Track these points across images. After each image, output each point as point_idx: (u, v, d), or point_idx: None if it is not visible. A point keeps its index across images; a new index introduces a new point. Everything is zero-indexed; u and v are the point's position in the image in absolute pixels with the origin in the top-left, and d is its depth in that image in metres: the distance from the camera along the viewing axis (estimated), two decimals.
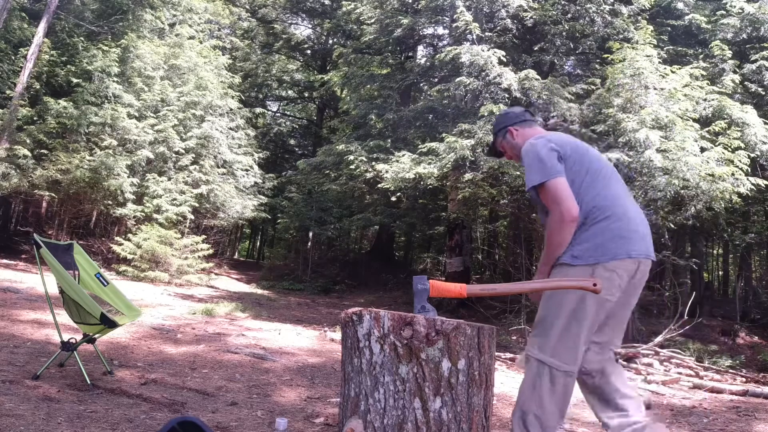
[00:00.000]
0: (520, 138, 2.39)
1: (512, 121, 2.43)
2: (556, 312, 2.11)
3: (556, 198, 2.09)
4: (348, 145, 9.97)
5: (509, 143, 2.42)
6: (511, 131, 2.42)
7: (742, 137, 6.92)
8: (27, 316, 5.18)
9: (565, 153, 2.19)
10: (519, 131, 2.41)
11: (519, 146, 2.37)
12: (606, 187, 2.19)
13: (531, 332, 2.21)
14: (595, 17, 9.11)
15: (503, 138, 2.43)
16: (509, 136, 2.42)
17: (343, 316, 1.94)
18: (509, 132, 2.42)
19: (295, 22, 21.57)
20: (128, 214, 11.56)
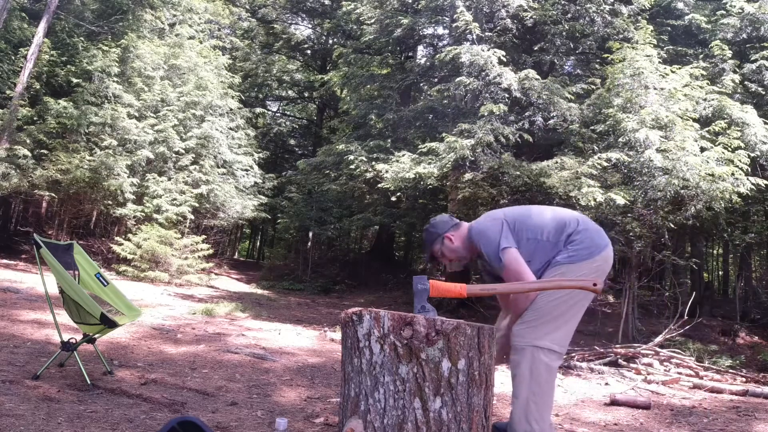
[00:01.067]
0: (458, 240, 2.62)
1: (446, 228, 2.64)
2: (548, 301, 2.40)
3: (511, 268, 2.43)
4: (348, 145, 9.97)
5: (448, 248, 2.61)
6: (449, 237, 2.61)
7: (742, 137, 6.92)
8: (27, 316, 5.18)
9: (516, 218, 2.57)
10: (456, 235, 2.63)
11: (458, 248, 2.61)
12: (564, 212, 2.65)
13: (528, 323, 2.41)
14: (595, 17, 9.10)
15: (441, 245, 2.62)
16: (447, 242, 2.61)
17: (343, 316, 1.94)
18: (446, 238, 2.61)
19: (295, 22, 21.57)
20: (128, 214, 11.56)
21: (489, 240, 2.50)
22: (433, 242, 2.64)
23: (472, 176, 7.78)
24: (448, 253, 2.63)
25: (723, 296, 15.69)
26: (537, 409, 2.34)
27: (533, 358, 2.36)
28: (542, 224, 2.60)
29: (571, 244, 2.52)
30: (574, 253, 2.51)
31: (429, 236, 2.67)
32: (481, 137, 7.64)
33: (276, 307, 9.72)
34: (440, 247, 2.62)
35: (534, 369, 2.34)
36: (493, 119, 7.85)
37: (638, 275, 7.45)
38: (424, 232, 2.71)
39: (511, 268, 2.41)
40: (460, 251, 2.62)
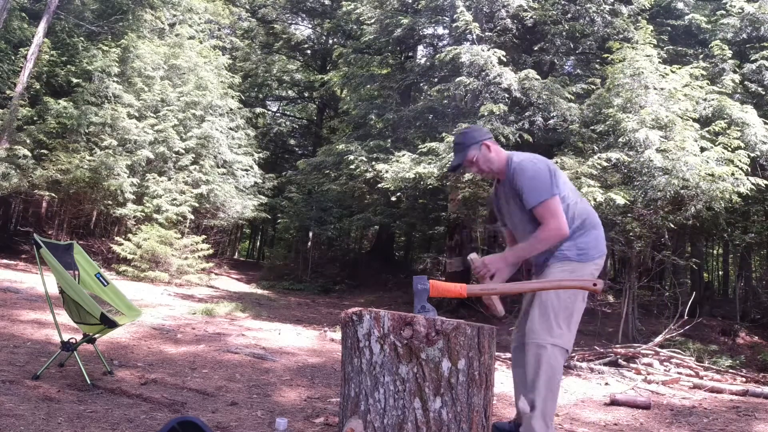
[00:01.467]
0: (495, 153, 2.53)
1: (486, 136, 2.55)
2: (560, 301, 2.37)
3: (554, 214, 2.38)
4: (348, 145, 9.97)
5: (484, 156, 2.52)
6: (487, 145, 2.52)
7: (741, 137, 6.92)
8: (27, 316, 5.18)
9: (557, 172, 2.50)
10: (493, 146, 2.54)
11: (492, 159, 2.52)
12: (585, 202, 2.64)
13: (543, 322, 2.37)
14: (595, 17, 9.10)
15: (478, 151, 2.51)
16: (485, 149, 2.51)
17: (343, 316, 1.94)
18: (484, 145, 2.51)
19: (295, 22, 21.58)
20: (128, 214, 11.56)
21: (538, 175, 2.40)
22: (471, 147, 2.51)
23: (472, 176, 7.77)
24: (483, 162, 2.52)
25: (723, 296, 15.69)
26: (552, 408, 2.35)
27: (552, 358, 2.33)
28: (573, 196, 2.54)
29: (581, 238, 2.47)
30: (584, 250, 2.47)
31: (467, 139, 2.53)
32: None
33: (276, 307, 9.72)
34: (477, 153, 2.51)
35: (552, 368, 2.33)
36: (493, 119, 7.85)
37: (638, 275, 7.45)
38: (461, 136, 2.57)
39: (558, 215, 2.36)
40: (495, 164, 2.52)
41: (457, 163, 2.57)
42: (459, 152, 2.56)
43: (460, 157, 2.55)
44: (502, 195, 2.63)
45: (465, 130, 2.62)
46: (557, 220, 2.38)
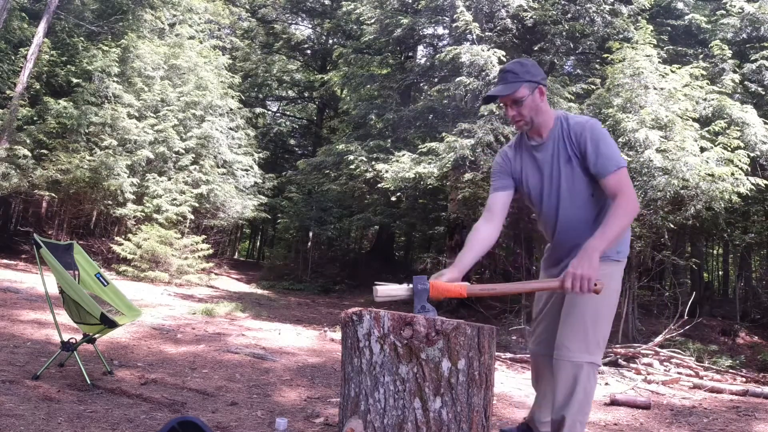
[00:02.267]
0: (544, 103, 2.13)
1: (545, 80, 2.14)
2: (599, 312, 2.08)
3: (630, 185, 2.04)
4: (348, 145, 9.98)
5: (534, 101, 2.09)
6: (542, 90, 2.12)
7: (741, 137, 6.92)
8: (27, 316, 5.18)
9: None
10: (545, 95, 2.14)
11: (541, 109, 2.11)
12: None
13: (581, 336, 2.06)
14: (595, 17, 9.11)
15: (532, 92, 2.08)
16: (538, 93, 2.10)
17: (343, 316, 1.94)
18: (540, 89, 2.10)
19: (295, 22, 21.58)
20: (128, 214, 11.56)
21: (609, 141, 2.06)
22: (525, 83, 2.07)
23: (472, 176, 7.78)
24: (530, 107, 2.09)
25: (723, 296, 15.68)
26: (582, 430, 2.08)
27: (588, 376, 2.06)
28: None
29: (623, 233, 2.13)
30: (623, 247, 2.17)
31: (525, 73, 2.09)
32: (481, 137, 7.64)
33: (276, 307, 9.72)
34: (528, 94, 2.07)
35: (588, 388, 2.06)
36: (493, 119, 7.85)
37: (638, 275, 7.45)
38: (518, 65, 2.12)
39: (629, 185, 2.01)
40: (541, 116, 2.11)
41: (503, 93, 2.10)
42: (508, 82, 2.09)
43: (507, 89, 2.08)
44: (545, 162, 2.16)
45: (524, 61, 2.17)
46: (633, 190, 2.02)
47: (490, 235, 2.21)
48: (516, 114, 2.11)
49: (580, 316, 2.06)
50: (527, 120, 2.12)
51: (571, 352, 2.05)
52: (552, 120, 2.13)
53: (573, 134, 2.09)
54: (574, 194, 2.12)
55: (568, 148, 2.10)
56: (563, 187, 2.14)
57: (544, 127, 2.14)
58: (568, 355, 2.06)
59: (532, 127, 2.14)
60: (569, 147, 2.09)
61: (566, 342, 2.07)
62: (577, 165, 2.10)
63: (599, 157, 2.03)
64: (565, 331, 2.09)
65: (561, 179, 2.14)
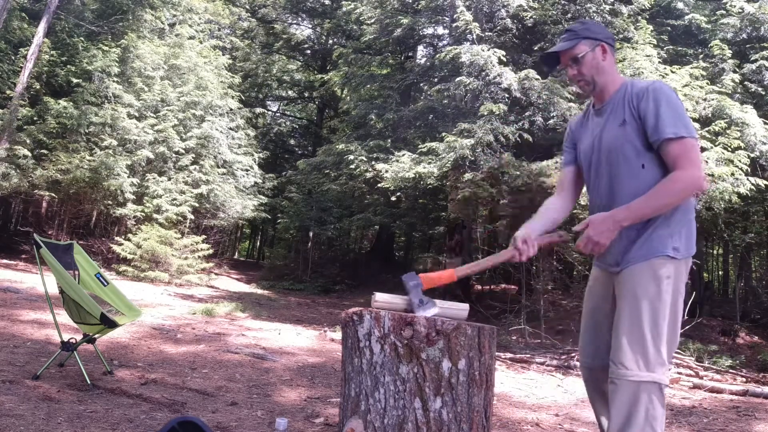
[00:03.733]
0: (608, 64, 1.94)
1: (609, 39, 1.97)
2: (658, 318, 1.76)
3: (695, 160, 1.76)
4: (348, 145, 9.97)
5: (595, 59, 1.93)
6: (605, 48, 1.94)
7: (741, 137, 6.91)
8: (27, 316, 5.18)
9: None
10: (610, 54, 1.96)
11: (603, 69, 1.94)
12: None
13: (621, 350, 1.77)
14: (595, 17, 9.10)
15: (592, 50, 1.92)
16: (599, 50, 1.93)
17: (343, 315, 1.94)
18: (602, 47, 1.93)
19: (295, 22, 21.58)
20: (128, 214, 11.56)
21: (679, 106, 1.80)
22: (584, 39, 1.93)
23: (472, 176, 7.78)
24: (590, 66, 1.92)
25: (723, 296, 15.67)
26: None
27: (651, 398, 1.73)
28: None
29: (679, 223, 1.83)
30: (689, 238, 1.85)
31: (584, 30, 1.95)
32: (481, 137, 7.64)
33: (276, 307, 9.72)
34: (588, 51, 1.92)
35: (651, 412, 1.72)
36: (493, 119, 7.85)
37: None
38: (578, 24, 2.00)
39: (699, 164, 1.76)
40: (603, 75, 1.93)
41: (560, 49, 1.96)
42: (566, 41, 1.96)
43: (564, 45, 1.95)
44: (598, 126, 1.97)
45: (585, 21, 2.04)
46: (698, 168, 1.75)
47: (560, 207, 2.08)
48: (576, 73, 1.95)
49: (636, 325, 1.76)
50: (588, 80, 1.94)
51: (627, 369, 1.74)
52: (617, 84, 1.94)
53: (635, 96, 1.86)
54: (622, 162, 1.87)
55: (625, 111, 1.87)
56: (612, 152, 1.90)
57: (605, 89, 1.95)
58: (625, 374, 1.74)
59: (594, 88, 1.95)
60: (627, 109, 1.86)
61: (621, 358, 1.76)
62: (632, 131, 1.85)
63: (659, 119, 1.78)
64: (619, 344, 1.77)
65: (610, 143, 1.91)
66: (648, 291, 1.78)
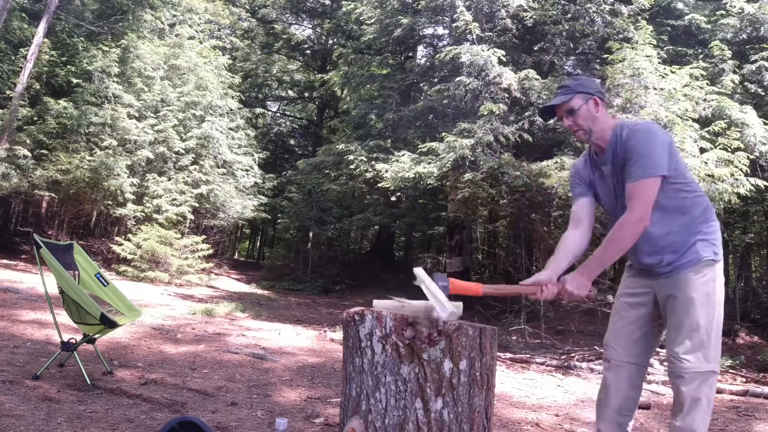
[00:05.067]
0: (602, 114, 2.16)
1: (600, 93, 2.19)
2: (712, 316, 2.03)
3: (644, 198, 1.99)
4: (348, 145, 9.97)
5: (589, 111, 2.15)
6: (597, 101, 2.16)
7: (741, 138, 6.91)
8: (27, 317, 5.18)
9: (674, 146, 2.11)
10: (602, 106, 2.17)
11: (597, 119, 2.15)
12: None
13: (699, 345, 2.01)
14: (595, 17, 9.10)
15: (585, 103, 2.14)
16: (592, 103, 2.15)
17: (345, 315, 1.94)
18: (593, 100, 2.15)
19: (295, 23, 21.58)
20: (128, 214, 11.56)
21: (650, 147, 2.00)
22: (578, 94, 2.15)
23: (472, 176, 7.77)
24: (585, 117, 2.14)
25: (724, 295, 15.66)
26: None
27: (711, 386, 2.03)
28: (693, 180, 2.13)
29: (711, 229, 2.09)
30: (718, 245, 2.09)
31: (577, 85, 2.18)
32: (481, 137, 7.64)
33: (276, 307, 9.72)
34: (583, 105, 2.14)
35: (710, 397, 2.03)
36: (492, 119, 7.84)
37: None
38: (571, 80, 2.25)
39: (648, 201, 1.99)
40: (598, 125, 2.14)
41: (555, 103, 2.19)
42: (561, 95, 2.19)
43: (560, 99, 2.18)
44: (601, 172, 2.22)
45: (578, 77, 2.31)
46: (644, 206, 1.99)
47: (578, 240, 2.23)
48: (572, 124, 2.17)
49: (694, 325, 2.01)
50: (585, 129, 2.16)
51: (691, 363, 2.00)
52: (610, 131, 2.14)
53: (625, 141, 2.07)
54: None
55: (620, 157, 2.09)
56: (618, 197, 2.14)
57: (603, 138, 2.16)
58: (690, 367, 2.00)
59: (590, 137, 2.17)
60: (622, 154, 2.08)
61: (684, 354, 2.01)
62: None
63: (633, 163, 2.01)
64: (681, 343, 2.03)
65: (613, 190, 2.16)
66: (701, 293, 2.03)
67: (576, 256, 2.23)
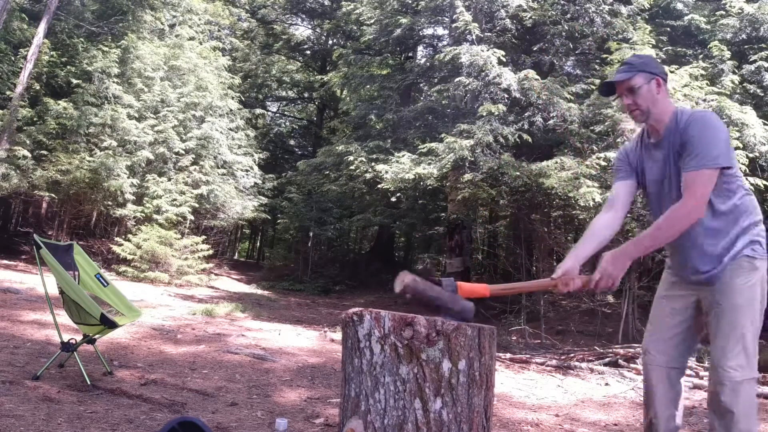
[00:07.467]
0: (662, 96, 2.07)
1: (663, 74, 2.10)
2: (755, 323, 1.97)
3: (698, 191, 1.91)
4: (348, 145, 9.97)
5: (650, 91, 2.05)
6: (660, 81, 2.07)
7: (741, 138, 6.92)
8: (27, 317, 5.18)
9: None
10: (664, 88, 2.08)
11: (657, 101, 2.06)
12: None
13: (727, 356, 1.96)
14: (594, 17, 9.11)
15: (647, 83, 2.04)
16: (654, 84, 2.05)
17: (343, 316, 1.94)
18: (657, 81, 2.06)
19: (295, 23, 21.59)
20: (128, 214, 11.56)
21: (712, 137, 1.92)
22: (641, 73, 2.05)
23: (472, 176, 7.78)
24: (645, 97, 2.04)
25: None
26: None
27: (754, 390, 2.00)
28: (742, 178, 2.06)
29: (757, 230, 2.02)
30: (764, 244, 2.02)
31: (641, 64, 2.08)
32: (481, 138, 7.64)
33: (276, 307, 9.72)
34: (644, 84, 2.03)
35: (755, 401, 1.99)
36: (492, 119, 7.85)
37: (638, 275, 7.45)
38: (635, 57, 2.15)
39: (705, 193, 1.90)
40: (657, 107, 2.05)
41: (617, 79, 2.09)
42: (623, 72, 2.09)
43: (621, 77, 2.07)
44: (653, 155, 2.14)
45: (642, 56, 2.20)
46: (700, 198, 1.90)
47: (609, 223, 2.16)
48: (631, 103, 2.07)
49: (737, 333, 1.96)
50: (643, 109, 2.06)
51: (734, 371, 1.95)
52: (669, 115, 2.06)
53: (682, 127, 2.00)
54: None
55: (677, 144, 2.02)
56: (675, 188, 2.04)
57: (660, 121, 2.07)
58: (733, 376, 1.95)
59: (648, 118, 2.08)
60: (678, 142, 2.01)
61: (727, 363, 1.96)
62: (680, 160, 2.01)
63: (691, 152, 1.93)
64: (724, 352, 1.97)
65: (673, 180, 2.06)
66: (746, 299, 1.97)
67: (603, 241, 2.15)
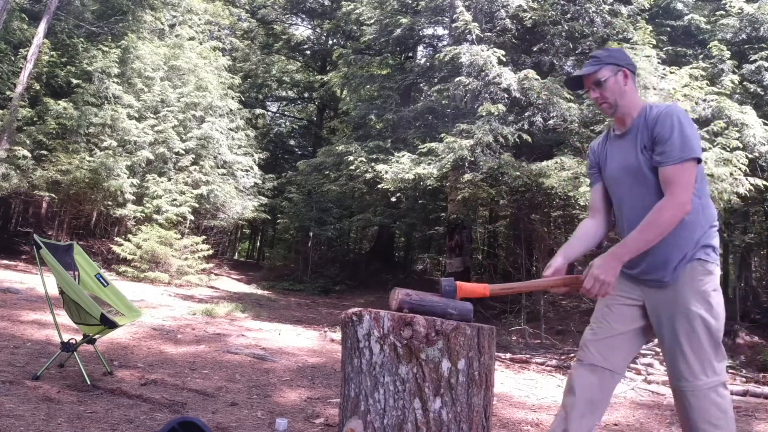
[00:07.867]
0: (630, 89, 2.04)
1: (630, 66, 2.07)
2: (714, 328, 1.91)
3: (685, 183, 1.86)
4: (348, 145, 9.97)
5: (617, 83, 2.02)
6: (627, 73, 2.04)
7: (740, 138, 6.92)
8: (27, 317, 5.18)
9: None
10: (631, 80, 2.05)
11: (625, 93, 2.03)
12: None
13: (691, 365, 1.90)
14: (594, 17, 9.11)
15: (614, 75, 2.02)
16: (621, 75, 2.03)
17: (343, 316, 1.94)
18: (624, 72, 2.03)
19: (295, 23, 21.58)
20: (128, 214, 11.56)
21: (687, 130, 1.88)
22: (608, 65, 2.03)
23: (472, 176, 7.78)
24: (611, 90, 2.02)
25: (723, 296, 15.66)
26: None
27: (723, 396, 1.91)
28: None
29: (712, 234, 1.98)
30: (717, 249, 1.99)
31: (607, 57, 2.05)
32: (481, 137, 7.64)
33: (276, 307, 9.72)
34: (611, 76, 2.01)
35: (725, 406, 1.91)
36: (492, 119, 7.85)
37: None
38: (602, 50, 2.12)
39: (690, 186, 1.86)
40: (625, 99, 2.02)
41: (584, 72, 2.07)
42: (590, 65, 2.06)
43: (588, 70, 2.05)
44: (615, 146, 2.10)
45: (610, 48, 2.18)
46: (687, 192, 1.86)
47: (593, 230, 2.16)
48: (599, 96, 2.05)
49: (696, 342, 1.90)
50: (611, 102, 2.04)
51: (698, 381, 1.90)
52: (638, 109, 2.03)
53: (651, 121, 1.95)
54: (645, 190, 1.97)
55: (645, 137, 1.96)
56: (635, 180, 2.00)
57: (628, 114, 2.04)
58: (698, 386, 1.90)
59: (616, 111, 2.05)
60: (647, 135, 1.95)
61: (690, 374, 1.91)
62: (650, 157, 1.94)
63: (667, 145, 1.88)
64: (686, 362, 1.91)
65: (633, 171, 2.00)
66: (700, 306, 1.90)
67: (589, 245, 2.14)
